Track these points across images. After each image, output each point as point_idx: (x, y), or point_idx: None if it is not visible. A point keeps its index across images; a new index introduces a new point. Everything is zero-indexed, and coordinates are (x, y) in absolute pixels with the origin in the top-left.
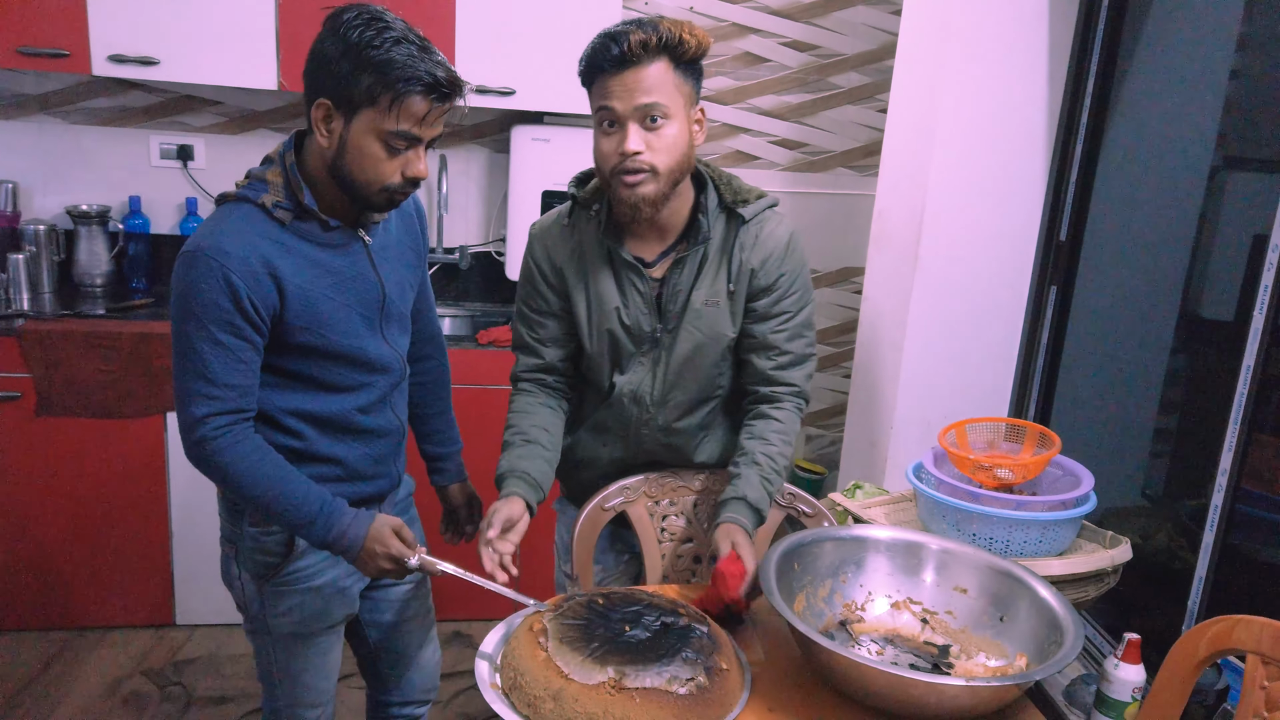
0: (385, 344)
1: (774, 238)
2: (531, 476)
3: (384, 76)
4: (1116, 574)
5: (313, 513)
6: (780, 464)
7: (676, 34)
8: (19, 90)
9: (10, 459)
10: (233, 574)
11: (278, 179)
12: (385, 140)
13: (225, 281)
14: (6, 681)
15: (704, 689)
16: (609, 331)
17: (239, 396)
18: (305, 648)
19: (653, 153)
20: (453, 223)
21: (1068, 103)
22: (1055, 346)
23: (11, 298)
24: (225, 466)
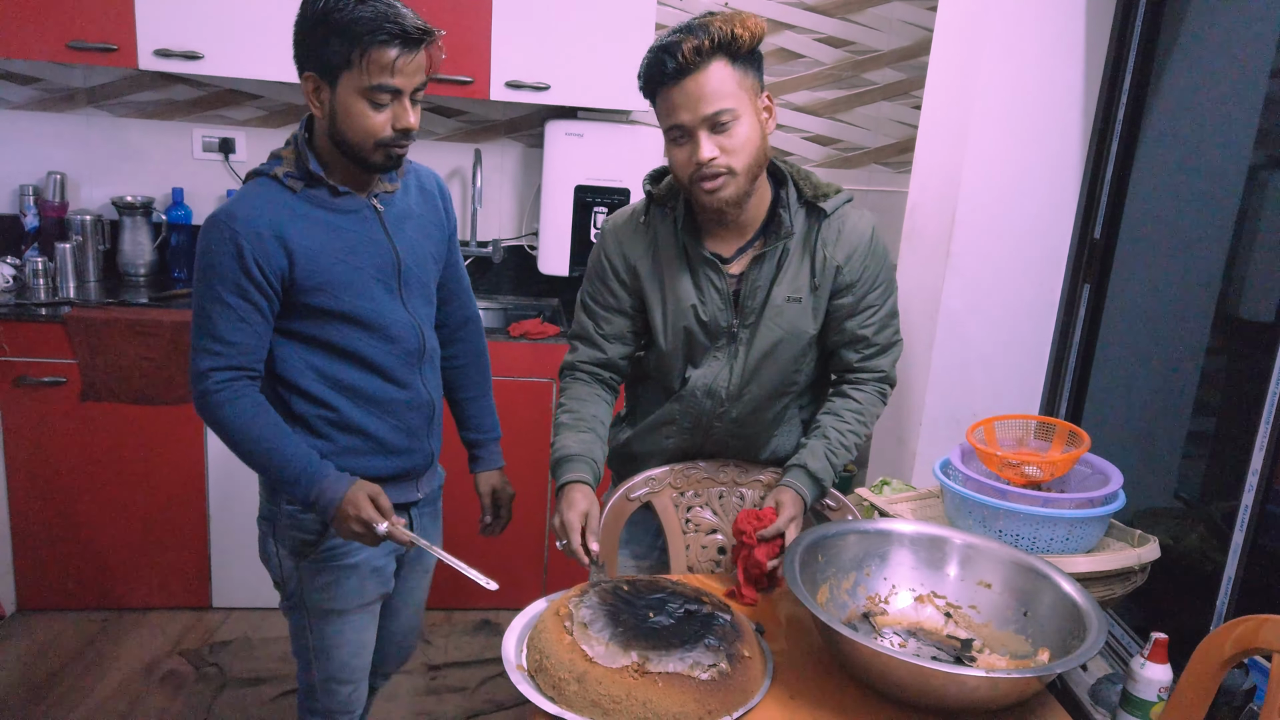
0: (405, 310)
1: (857, 232)
2: (597, 463)
3: (350, 35)
4: (1144, 573)
5: (298, 471)
6: (850, 440)
7: (729, 30)
8: (68, 84)
9: (55, 442)
10: (270, 551)
11: (290, 154)
12: (367, 96)
13: (234, 245)
14: (48, 659)
15: (726, 675)
16: (685, 329)
17: (241, 355)
18: (341, 624)
19: (728, 155)
20: (486, 216)
21: (1104, 99)
22: (1088, 345)
23: (58, 286)
24: (223, 419)
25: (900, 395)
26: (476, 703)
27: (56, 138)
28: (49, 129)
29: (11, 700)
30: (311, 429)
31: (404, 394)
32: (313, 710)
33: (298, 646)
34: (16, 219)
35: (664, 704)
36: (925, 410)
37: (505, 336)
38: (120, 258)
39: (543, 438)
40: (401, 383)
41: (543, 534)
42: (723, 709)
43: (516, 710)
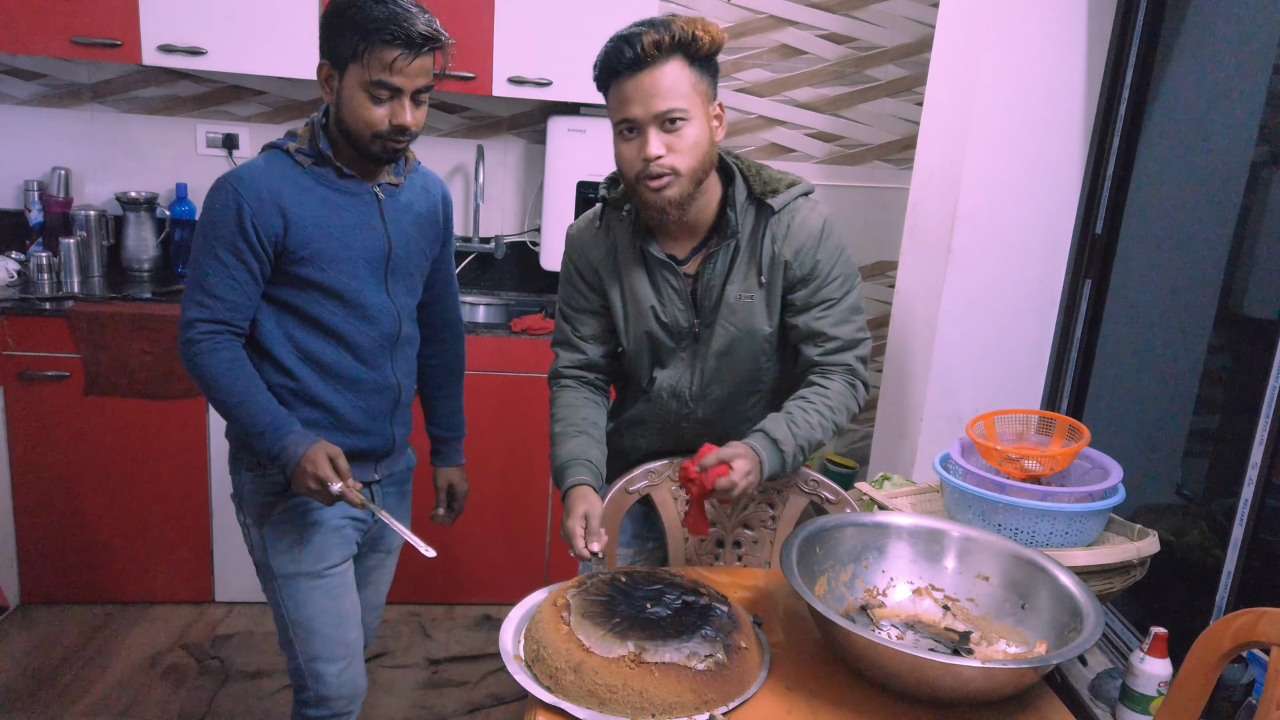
0: (386, 295)
1: (806, 226)
2: (593, 463)
3: (359, 31)
4: (1143, 567)
5: (264, 424)
6: (814, 419)
7: (690, 31)
8: (73, 80)
9: (59, 436)
10: (242, 522)
11: (305, 133)
12: (368, 90)
13: (235, 204)
14: (52, 651)
15: (722, 666)
16: (646, 331)
17: (227, 310)
18: (310, 589)
19: (674, 155)
20: (489, 212)
21: (1105, 95)
22: (1089, 341)
23: (62, 281)
24: (203, 368)
25: (901, 390)
26: (477, 697)
27: (61, 133)
28: (54, 124)
29: (15, 692)
30: (276, 398)
31: (371, 375)
32: (304, 702)
33: (280, 628)
34: (21, 214)
35: (660, 694)
36: (926, 405)
37: (507, 332)
38: (124, 253)
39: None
40: (371, 364)
41: (543, 530)
42: (719, 699)
43: (517, 705)
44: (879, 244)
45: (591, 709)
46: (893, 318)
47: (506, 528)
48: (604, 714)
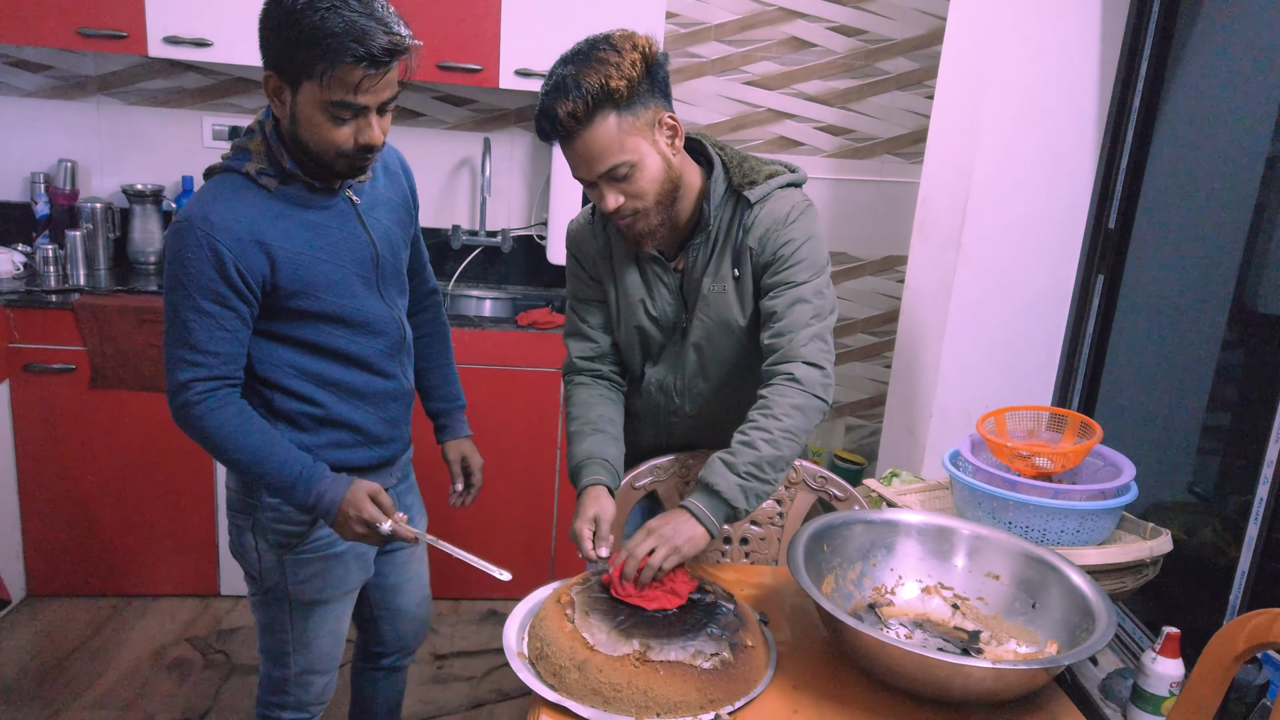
0: (383, 303)
1: (773, 214)
2: (609, 462)
3: (315, 47)
4: (1156, 566)
5: (293, 476)
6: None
7: (599, 83)
8: (79, 72)
9: (65, 429)
10: (247, 545)
11: (259, 147)
12: (328, 111)
13: (212, 251)
14: (58, 644)
15: (728, 664)
16: (636, 326)
17: (222, 364)
18: (323, 614)
19: (633, 199)
20: (495, 206)
21: (1119, 88)
22: (1101, 337)
23: (69, 273)
24: (207, 430)
25: (911, 387)
26: (482, 692)
27: (67, 125)
28: (60, 117)
29: (21, 684)
30: (296, 425)
31: (388, 385)
32: (282, 705)
33: (272, 641)
34: (27, 206)
35: (665, 692)
36: (935, 401)
37: (513, 326)
38: (130, 245)
39: (550, 427)
40: (386, 374)
41: (549, 524)
42: (725, 698)
43: (521, 700)
44: (888, 239)
45: (595, 707)
46: (902, 313)
47: (513, 523)
48: (608, 713)
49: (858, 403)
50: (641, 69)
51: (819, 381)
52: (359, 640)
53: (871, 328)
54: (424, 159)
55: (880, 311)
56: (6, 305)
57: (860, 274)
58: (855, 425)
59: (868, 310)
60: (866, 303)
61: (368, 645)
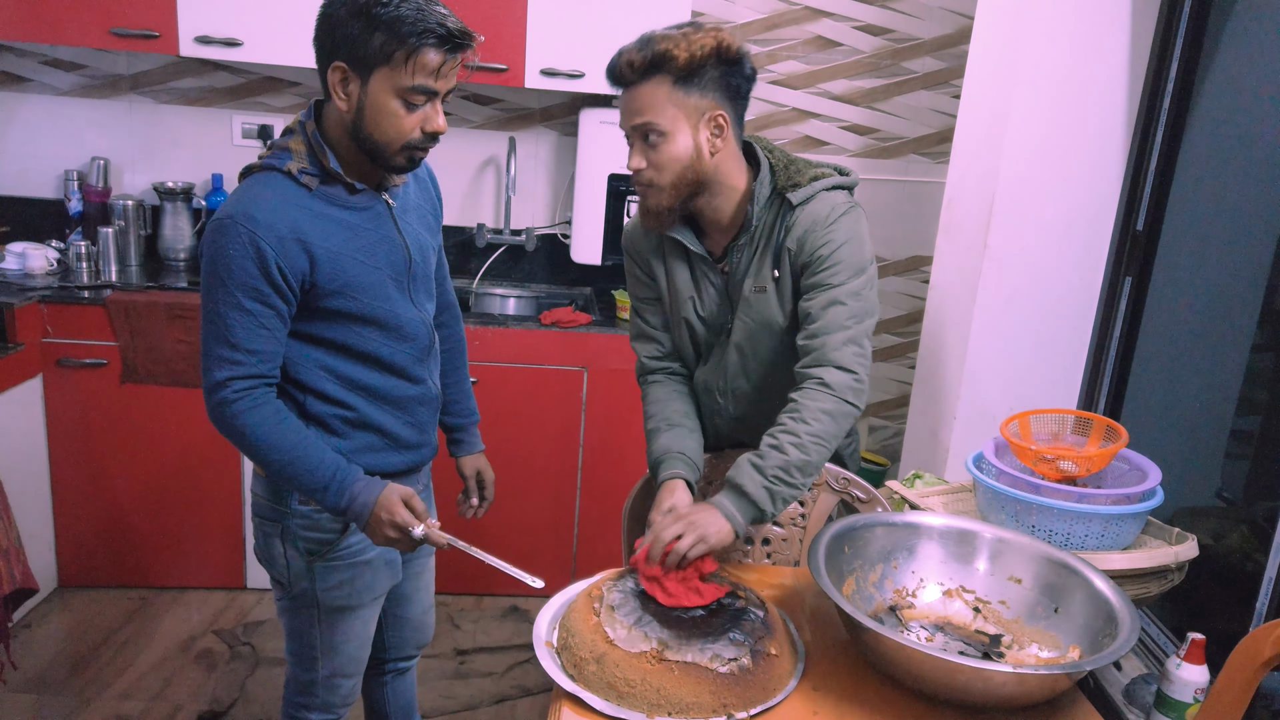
0: (413, 307)
1: (813, 215)
2: (688, 455)
3: (396, 33)
4: (1181, 571)
5: (326, 478)
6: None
7: (664, 49)
8: (112, 71)
9: (97, 423)
10: (275, 551)
11: (301, 147)
12: (403, 96)
13: (254, 248)
14: (89, 634)
15: (746, 671)
16: (685, 320)
17: (260, 362)
18: (352, 619)
19: (653, 169)
20: (520, 204)
21: (1149, 87)
22: (1128, 340)
23: (101, 269)
24: (244, 429)
25: (935, 388)
26: (504, 687)
27: (100, 124)
28: (93, 115)
29: (52, 674)
30: (328, 428)
31: (417, 389)
32: (309, 706)
33: (299, 645)
34: (61, 204)
35: (678, 692)
36: (960, 403)
37: (537, 324)
38: (161, 242)
39: (572, 425)
40: (414, 378)
41: (571, 522)
42: (740, 704)
43: (543, 696)
44: (913, 239)
45: (609, 701)
46: (926, 314)
47: (535, 520)
48: (621, 707)
49: (881, 404)
50: (709, 54)
51: (850, 386)
52: None
53: (896, 328)
54: (449, 158)
55: (905, 312)
56: (41, 301)
57: (885, 274)
58: (879, 426)
59: (892, 311)
60: (891, 303)
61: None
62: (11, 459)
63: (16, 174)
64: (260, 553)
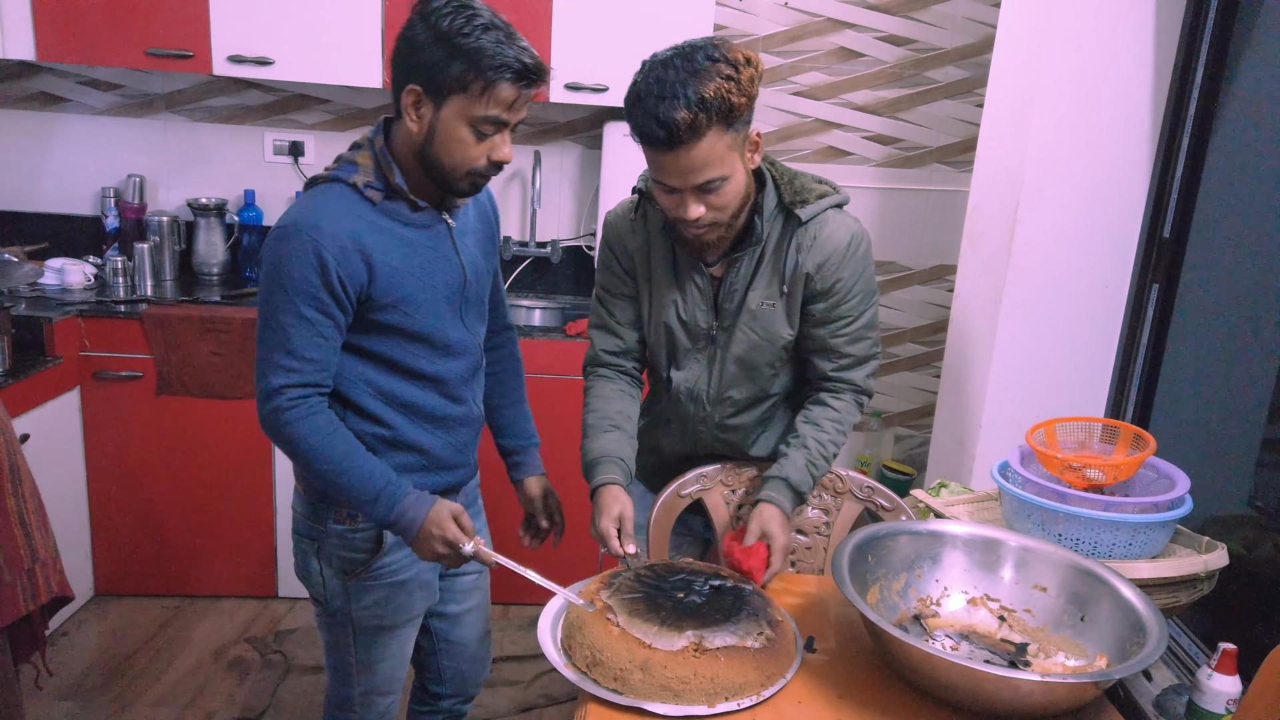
0: (464, 328)
1: (833, 240)
2: (624, 461)
3: (475, 64)
4: (1211, 581)
5: (376, 489)
6: (830, 450)
7: (726, 100)
8: (148, 90)
9: (132, 435)
10: (312, 569)
11: (367, 161)
12: (474, 125)
13: (316, 256)
14: (124, 641)
15: (772, 641)
16: (665, 324)
17: (316, 371)
18: (388, 639)
19: (715, 211)
20: (545, 217)
21: (1174, 93)
22: (1156, 347)
23: (136, 284)
24: (297, 438)
25: (959, 396)
26: (530, 696)
27: (136, 142)
28: (129, 134)
29: (88, 681)
30: (366, 447)
31: (459, 410)
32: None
33: (337, 661)
34: (98, 220)
35: (730, 676)
36: (985, 412)
37: (562, 335)
38: (195, 257)
39: None
40: (458, 399)
41: None
42: (779, 672)
43: (569, 705)
44: (937, 248)
45: (667, 703)
46: (951, 322)
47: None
48: (681, 705)
49: (906, 413)
50: (758, 90)
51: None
52: (416, 679)
53: (920, 337)
54: None
55: (929, 321)
56: (78, 315)
57: (909, 283)
58: (904, 435)
59: (916, 320)
60: (915, 312)
61: (426, 684)
62: (50, 469)
63: (55, 191)
64: (299, 570)
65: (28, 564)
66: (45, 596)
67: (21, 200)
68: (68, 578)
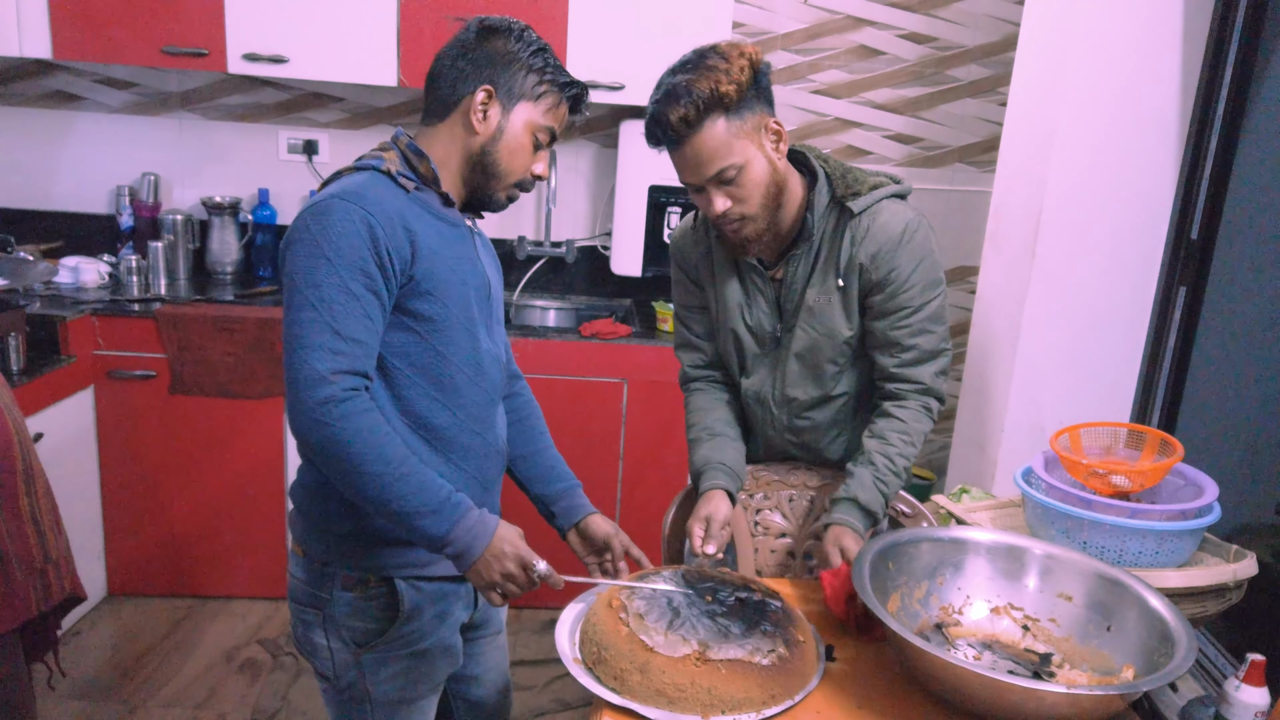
0: (490, 339)
1: (885, 230)
2: (728, 465)
3: (553, 80)
4: (1240, 590)
5: (439, 500)
6: (899, 464)
7: (715, 89)
8: (163, 89)
9: (145, 434)
10: (318, 644)
11: (394, 158)
12: (535, 134)
13: (366, 226)
14: (136, 641)
15: (785, 660)
16: (733, 331)
17: (365, 356)
18: (409, 712)
19: (740, 203)
20: (560, 217)
21: (1203, 91)
22: (1183, 351)
23: (150, 283)
24: (349, 435)
25: (982, 400)
26: (543, 701)
27: (151, 140)
28: (144, 132)
29: (101, 680)
30: None
31: (481, 439)
32: None
33: None
34: (113, 219)
35: (728, 690)
36: (1007, 416)
37: (576, 336)
38: (208, 256)
39: (612, 437)
40: (481, 424)
41: None
42: (785, 693)
43: (582, 710)
44: (960, 249)
45: (661, 708)
46: (973, 325)
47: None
48: (674, 713)
49: None
50: (749, 75)
51: (937, 414)
52: None
53: None
54: None
55: (951, 323)
56: (92, 314)
57: None
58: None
59: None
60: None
61: None
62: (63, 468)
63: (71, 190)
64: (300, 642)
65: (40, 564)
66: (58, 596)
67: (37, 198)
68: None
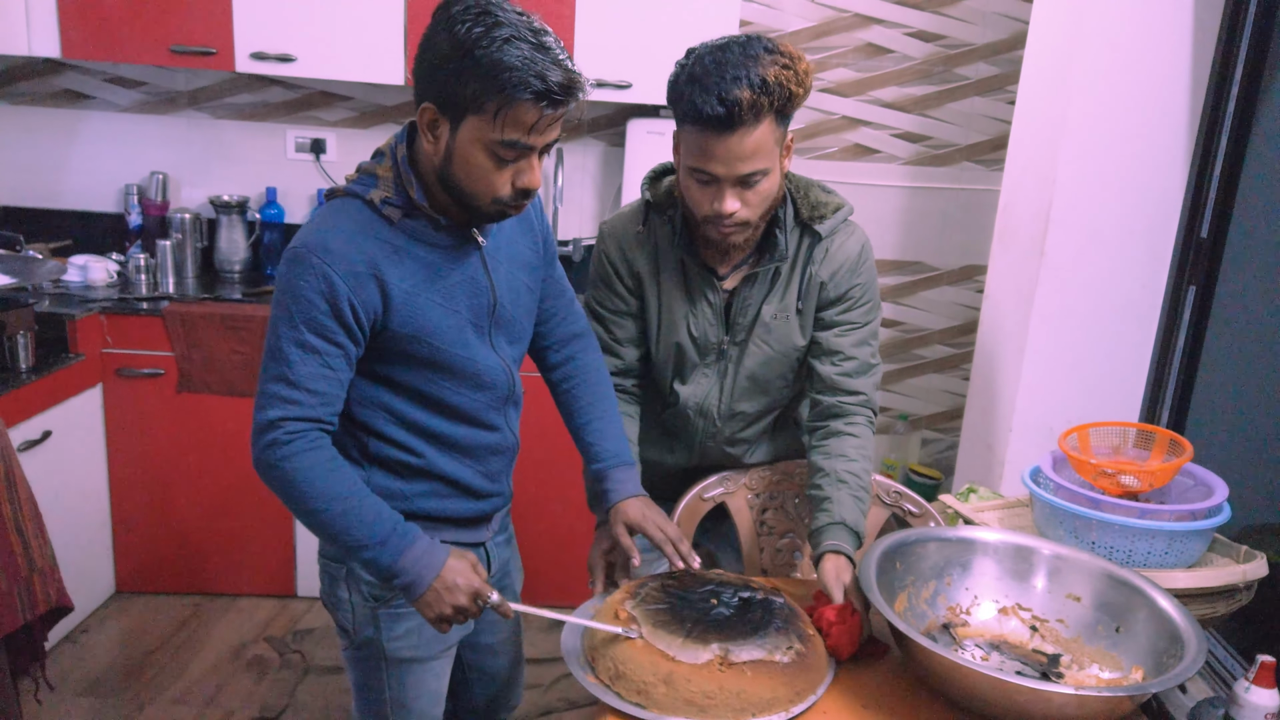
0: (493, 352)
1: (844, 250)
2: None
3: (491, 81)
4: (1250, 591)
5: (383, 533)
6: (865, 480)
7: (786, 88)
8: (171, 88)
9: (153, 432)
10: (340, 597)
11: (388, 174)
12: (492, 150)
13: (326, 281)
14: (144, 638)
15: (803, 655)
16: (675, 341)
17: (320, 405)
18: (422, 673)
19: (748, 208)
20: (567, 215)
21: (1213, 90)
22: (1193, 351)
23: (159, 281)
24: (293, 474)
25: (989, 400)
26: (550, 700)
27: (159, 139)
28: (153, 131)
29: (109, 678)
30: (391, 470)
31: (490, 438)
32: None
33: (369, 702)
34: (121, 217)
35: (757, 692)
36: (1015, 416)
37: None
38: (216, 254)
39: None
40: (488, 426)
41: None
42: (809, 688)
43: (589, 709)
44: (967, 247)
45: (692, 717)
46: (981, 324)
47: (581, 531)
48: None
49: (934, 416)
50: (809, 86)
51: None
52: (450, 706)
53: (949, 339)
54: None
55: (958, 322)
56: (101, 312)
57: (938, 284)
58: (932, 439)
59: (945, 321)
60: (944, 313)
61: (459, 713)
62: (72, 466)
63: (79, 189)
64: (326, 596)
65: (25, 572)
66: (44, 607)
67: (46, 197)
68: (89, 575)
